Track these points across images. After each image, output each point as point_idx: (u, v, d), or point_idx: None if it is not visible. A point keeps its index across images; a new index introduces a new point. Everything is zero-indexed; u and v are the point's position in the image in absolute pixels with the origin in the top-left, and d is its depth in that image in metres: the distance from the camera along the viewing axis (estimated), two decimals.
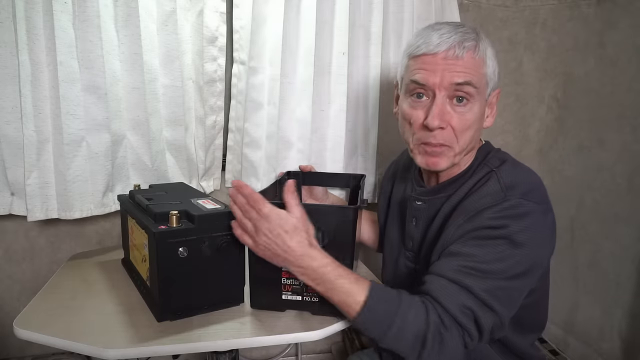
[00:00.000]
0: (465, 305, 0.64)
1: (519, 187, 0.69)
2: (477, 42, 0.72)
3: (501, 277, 0.65)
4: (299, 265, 0.68)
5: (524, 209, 0.67)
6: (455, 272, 0.66)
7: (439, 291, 0.66)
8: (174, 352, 0.67)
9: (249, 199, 0.69)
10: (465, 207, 0.72)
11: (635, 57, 1.15)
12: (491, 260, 0.65)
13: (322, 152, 1.23)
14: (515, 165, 0.76)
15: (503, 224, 0.66)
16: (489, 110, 0.78)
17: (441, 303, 0.65)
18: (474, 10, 1.38)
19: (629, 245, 1.17)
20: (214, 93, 1.15)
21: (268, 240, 0.68)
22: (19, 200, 1.04)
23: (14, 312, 0.87)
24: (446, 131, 0.73)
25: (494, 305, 0.65)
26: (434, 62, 0.71)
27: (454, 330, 0.64)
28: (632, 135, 1.16)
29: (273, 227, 0.67)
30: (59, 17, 0.92)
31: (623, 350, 1.20)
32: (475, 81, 0.71)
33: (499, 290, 0.65)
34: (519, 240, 0.65)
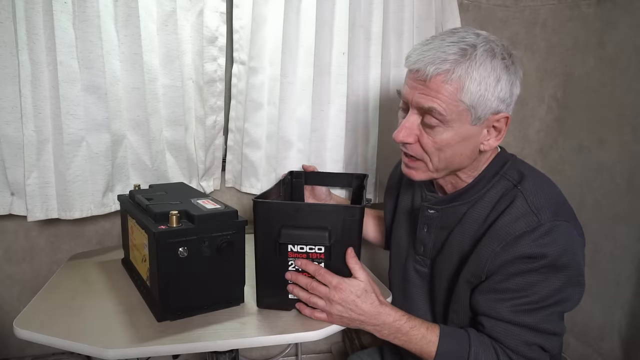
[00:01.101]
0: (531, 341, 0.68)
1: (548, 207, 0.68)
2: (456, 64, 0.65)
3: (552, 303, 0.68)
4: (375, 324, 0.72)
5: (559, 231, 0.67)
6: (511, 313, 0.69)
7: (503, 335, 0.69)
8: (174, 352, 0.67)
9: (317, 274, 0.74)
10: (498, 232, 0.69)
11: (635, 57, 1.15)
12: (539, 290, 0.67)
13: (322, 152, 1.23)
14: (536, 179, 0.73)
15: (542, 252, 0.66)
16: (495, 132, 0.72)
17: (508, 346, 0.69)
18: (474, 10, 1.38)
19: (629, 245, 1.17)
20: (214, 93, 1.15)
21: (342, 308, 0.72)
22: (19, 200, 1.04)
23: (14, 312, 0.87)
24: (415, 146, 0.73)
25: (555, 330, 0.69)
26: (412, 78, 0.70)
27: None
28: (632, 135, 1.16)
29: (346, 295, 0.72)
30: (59, 17, 0.92)
31: (623, 350, 1.20)
32: (441, 109, 0.67)
33: (554, 315, 0.69)
34: (560, 264, 0.67)
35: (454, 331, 0.73)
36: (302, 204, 0.91)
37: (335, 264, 0.74)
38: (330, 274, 0.73)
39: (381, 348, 1.01)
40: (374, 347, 1.05)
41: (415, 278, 0.86)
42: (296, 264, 0.75)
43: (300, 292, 0.75)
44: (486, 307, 0.71)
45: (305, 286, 0.74)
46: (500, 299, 0.69)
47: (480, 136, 0.71)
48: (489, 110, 0.68)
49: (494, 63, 0.67)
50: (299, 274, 0.75)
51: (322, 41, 1.15)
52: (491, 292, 0.70)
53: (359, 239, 0.75)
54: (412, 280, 0.87)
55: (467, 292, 0.74)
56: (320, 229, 0.73)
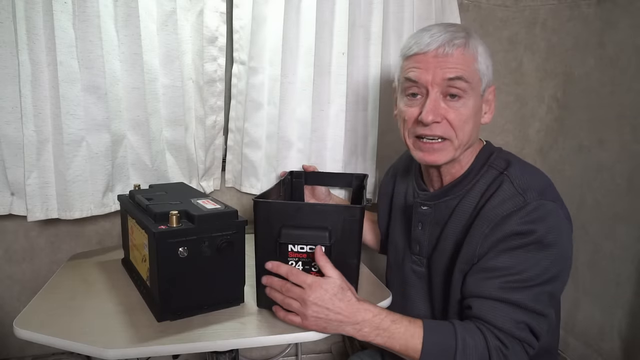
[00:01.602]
0: (519, 320, 0.67)
1: (534, 188, 0.71)
2: (467, 39, 0.74)
3: (541, 282, 0.68)
4: (355, 322, 0.68)
5: (546, 209, 0.69)
6: (499, 290, 0.68)
7: (490, 313, 0.68)
8: (174, 352, 0.67)
9: (289, 275, 0.71)
10: (487, 215, 0.72)
11: (635, 57, 1.15)
12: (528, 267, 0.68)
13: (321, 152, 1.23)
14: (522, 165, 0.77)
15: (530, 229, 0.68)
16: (487, 107, 0.80)
17: (496, 325, 0.67)
18: (474, 10, 1.38)
19: (629, 245, 1.17)
20: (214, 93, 1.15)
21: (319, 308, 0.68)
22: (19, 200, 1.04)
23: (14, 312, 0.87)
24: (443, 125, 0.74)
25: (543, 310, 0.68)
26: (426, 60, 0.74)
27: (516, 346, 0.67)
28: (632, 135, 1.16)
29: (321, 294, 0.68)
30: (59, 17, 0.92)
31: (623, 350, 1.20)
32: (466, 76, 0.73)
33: (542, 295, 0.68)
34: (547, 241, 0.68)
35: (437, 323, 0.71)
36: (302, 204, 0.92)
37: (335, 264, 0.74)
38: (304, 274, 0.70)
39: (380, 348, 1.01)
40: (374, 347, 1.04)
41: (413, 279, 0.87)
42: (266, 266, 0.73)
43: (276, 294, 0.72)
44: (475, 287, 0.71)
45: (280, 288, 0.71)
46: (488, 277, 0.69)
47: (482, 110, 0.78)
48: (489, 81, 0.77)
49: (482, 41, 0.77)
50: (273, 277, 0.73)
51: (322, 41, 1.15)
52: (480, 272, 0.71)
53: (359, 239, 0.75)
54: (411, 281, 0.87)
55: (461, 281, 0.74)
56: (321, 229, 0.73)
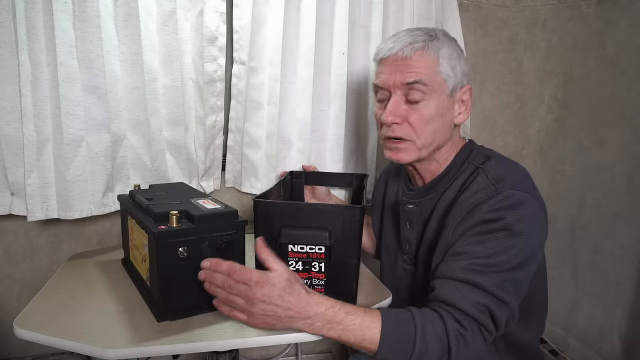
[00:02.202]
0: (480, 302, 0.66)
1: (507, 179, 0.72)
2: (428, 42, 0.76)
3: (507, 269, 0.67)
4: (306, 316, 0.65)
5: (517, 199, 0.69)
6: (463, 271, 0.68)
7: (452, 294, 0.67)
8: (174, 352, 0.67)
9: (232, 273, 0.66)
10: (460, 205, 0.74)
11: (635, 57, 1.15)
12: (495, 253, 0.67)
13: (322, 152, 1.23)
14: (500, 159, 0.78)
15: (500, 215, 0.68)
16: (462, 106, 0.80)
17: (455, 305, 0.66)
18: (474, 10, 1.38)
19: (629, 245, 1.17)
20: (214, 93, 1.15)
21: (267, 306, 0.64)
22: (19, 200, 1.04)
23: (14, 312, 0.87)
24: (403, 126, 0.77)
25: (505, 298, 0.67)
26: (388, 63, 0.77)
27: (474, 328, 0.66)
28: (632, 135, 1.16)
29: (268, 290, 0.64)
30: (59, 17, 0.92)
31: (623, 350, 1.20)
32: (425, 79, 0.74)
33: (506, 282, 0.67)
34: (517, 229, 0.68)
35: (395, 311, 0.68)
36: (302, 204, 0.92)
37: (335, 264, 0.74)
38: (249, 270, 0.65)
39: None
40: None
41: (404, 277, 0.88)
42: (203, 265, 0.68)
43: (217, 290, 0.67)
44: (440, 270, 0.71)
45: (222, 285, 0.67)
46: (455, 260, 0.70)
47: (454, 110, 0.79)
48: (459, 82, 0.78)
49: (452, 43, 0.79)
50: (214, 273, 0.67)
51: (322, 41, 1.15)
52: (449, 256, 0.71)
53: (359, 239, 0.75)
54: (403, 280, 0.89)
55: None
56: (321, 229, 0.73)
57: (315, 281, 0.76)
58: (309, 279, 0.76)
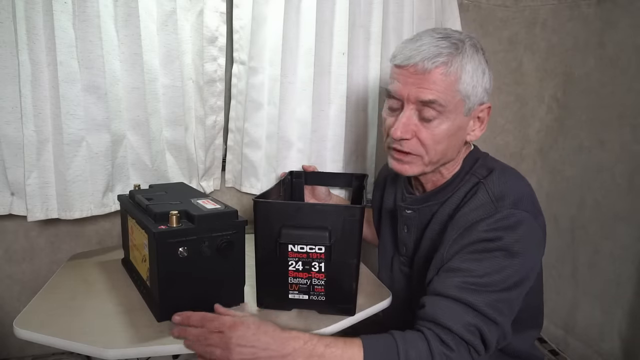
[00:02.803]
0: (470, 322, 0.64)
1: (508, 197, 0.69)
2: (452, 57, 0.69)
3: (500, 289, 0.66)
4: (285, 354, 0.62)
5: (516, 219, 0.67)
6: (456, 289, 0.66)
7: (442, 313, 0.65)
8: (174, 352, 0.67)
9: (204, 322, 0.64)
10: (458, 221, 0.72)
11: (635, 57, 1.15)
12: (489, 272, 0.66)
13: (322, 152, 1.23)
14: (504, 173, 0.75)
15: (497, 235, 0.67)
16: (477, 124, 0.77)
17: (445, 325, 0.64)
18: (474, 10, 1.38)
19: (629, 245, 1.17)
20: (214, 93, 1.15)
21: (243, 349, 0.61)
22: (19, 200, 1.03)
23: (14, 312, 0.87)
24: (412, 141, 0.73)
25: (496, 318, 0.65)
26: (406, 74, 0.71)
27: (461, 349, 0.64)
28: (632, 135, 1.16)
29: (243, 332, 0.62)
30: (59, 17, 0.92)
31: (623, 350, 1.20)
32: (442, 99, 0.69)
33: (499, 302, 0.66)
34: (514, 250, 0.66)
35: (377, 338, 0.65)
36: (302, 204, 0.92)
37: (335, 263, 0.74)
38: (221, 317, 0.65)
39: None
40: None
41: (401, 278, 0.88)
42: (174, 320, 0.67)
43: (194, 344, 0.64)
44: (434, 285, 0.69)
45: (197, 339, 0.64)
46: (449, 277, 0.68)
47: (468, 127, 0.76)
48: (478, 100, 0.73)
49: (479, 56, 0.72)
50: (188, 328, 0.66)
51: (322, 41, 1.15)
52: (443, 272, 0.70)
53: (359, 238, 0.75)
54: (399, 281, 0.88)
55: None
56: (321, 229, 0.73)
57: (315, 281, 0.76)
58: (309, 279, 0.76)
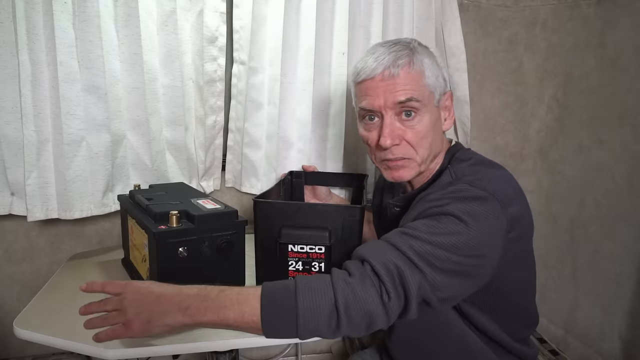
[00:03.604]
0: (390, 260, 0.61)
1: (466, 177, 0.71)
2: (411, 56, 0.74)
3: (437, 244, 0.62)
4: (179, 302, 0.60)
5: (470, 194, 0.66)
6: (391, 235, 0.66)
7: (367, 249, 0.65)
8: (174, 352, 0.67)
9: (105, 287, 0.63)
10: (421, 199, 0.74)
11: (635, 57, 1.15)
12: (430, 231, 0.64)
13: (322, 152, 1.23)
14: (478, 163, 0.76)
15: (445, 202, 0.67)
16: (446, 113, 0.81)
17: (362, 257, 0.63)
18: (474, 10, 1.38)
19: (629, 245, 1.17)
20: (214, 93, 1.15)
21: (137, 303, 0.60)
22: (19, 200, 1.03)
23: (14, 312, 0.87)
24: (402, 146, 0.76)
25: (419, 265, 0.61)
26: (375, 85, 0.74)
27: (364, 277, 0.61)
28: (632, 135, 1.16)
29: (136, 286, 0.62)
30: (59, 17, 0.92)
31: (623, 350, 1.20)
32: (416, 95, 0.73)
33: (428, 254, 0.62)
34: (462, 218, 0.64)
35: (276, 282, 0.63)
36: (302, 204, 0.92)
37: (335, 263, 0.74)
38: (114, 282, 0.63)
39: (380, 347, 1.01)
40: (374, 346, 1.05)
41: None
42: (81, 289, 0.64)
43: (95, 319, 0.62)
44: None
45: (98, 309, 0.62)
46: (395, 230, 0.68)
47: (441, 118, 0.80)
48: (442, 90, 0.78)
49: (428, 51, 0.78)
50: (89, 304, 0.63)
51: (322, 41, 1.15)
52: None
53: (359, 239, 0.75)
54: None
55: None
56: (321, 229, 0.73)
57: None
58: None
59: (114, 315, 0.61)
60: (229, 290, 0.62)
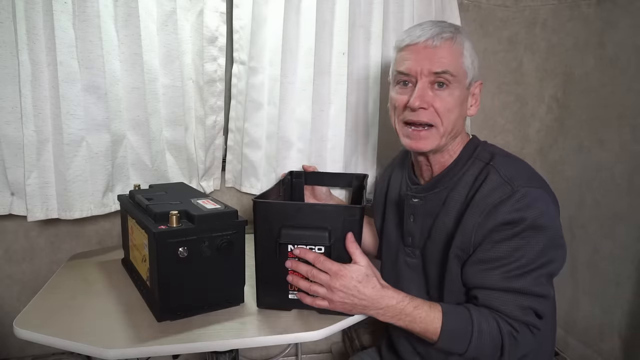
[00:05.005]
0: (524, 305, 0.71)
1: (520, 176, 0.74)
2: (455, 34, 0.79)
3: (538, 265, 0.71)
4: (379, 307, 0.72)
5: (533, 196, 0.72)
6: (501, 280, 0.71)
7: (497, 303, 0.72)
8: (174, 352, 0.67)
9: (316, 262, 0.73)
10: (477, 204, 0.75)
11: (635, 57, 1.15)
12: (524, 254, 0.70)
13: (322, 152, 1.23)
14: (505, 156, 0.81)
15: (520, 217, 0.71)
16: (473, 100, 0.84)
17: (504, 312, 0.71)
18: (474, 10, 1.38)
19: (629, 245, 1.17)
20: (214, 93, 1.15)
21: (344, 295, 0.72)
22: (19, 200, 1.04)
23: (14, 312, 0.87)
24: (429, 111, 0.78)
25: (543, 292, 0.71)
26: (416, 50, 0.79)
27: (524, 329, 0.71)
28: (632, 135, 1.16)
29: (347, 281, 0.71)
30: (59, 17, 0.92)
31: (623, 350, 1.20)
32: (452, 70, 0.77)
33: (541, 277, 0.71)
34: (539, 225, 0.70)
35: (454, 307, 0.74)
36: (302, 204, 0.92)
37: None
38: (330, 261, 0.73)
39: (379, 348, 1.01)
40: (374, 348, 1.05)
41: (406, 271, 0.89)
42: (294, 253, 0.74)
43: (301, 281, 0.75)
44: (477, 279, 0.74)
45: (306, 274, 0.74)
46: (488, 269, 0.73)
47: (468, 102, 0.83)
48: (475, 76, 0.82)
49: (470, 38, 0.82)
50: (299, 262, 0.74)
51: (322, 41, 1.15)
52: (479, 263, 0.74)
53: (359, 239, 0.75)
54: (404, 274, 0.89)
55: (458, 267, 0.77)
56: (321, 229, 0.73)
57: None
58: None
59: (322, 291, 0.73)
60: (420, 309, 0.73)
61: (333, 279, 0.72)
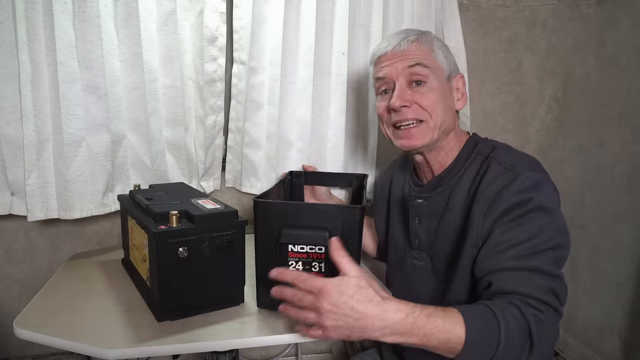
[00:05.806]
0: (542, 284, 0.65)
1: (520, 163, 0.74)
2: (420, 36, 0.83)
3: (550, 246, 0.68)
4: (383, 326, 0.57)
5: (536, 179, 0.72)
6: (514, 259, 0.67)
7: (513, 283, 0.65)
8: (174, 352, 0.67)
9: (297, 282, 0.61)
10: (481, 195, 0.74)
11: (635, 57, 1.15)
12: (535, 234, 0.68)
13: (322, 152, 1.23)
14: (507, 148, 0.81)
15: (527, 197, 0.70)
16: (458, 94, 0.85)
17: (522, 293, 0.64)
18: (474, 10, 1.38)
19: (629, 245, 1.17)
20: (214, 93, 1.15)
21: (335, 315, 0.57)
22: (19, 200, 1.04)
23: (14, 312, 0.87)
24: (413, 109, 0.80)
25: (559, 273, 0.68)
26: (387, 58, 0.83)
27: (547, 308, 0.64)
28: (632, 135, 1.16)
29: (335, 298, 0.58)
30: (59, 17, 0.92)
31: (623, 350, 1.20)
32: (425, 62, 0.80)
33: (553, 259, 0.68)
34: (546, 206, 0.69)
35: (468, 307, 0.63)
36: (302, 204, 0.92)
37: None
38: (314, 278, 0.60)
39: (380, 348, 1.01)
40: (375, 348, 1.05)
41: (414, 274, 0.88)
42: (270, 275, 0.64)
43: (290, 310, 0.63)
44: (489, 264, 0.69)
45: (291, 300, 0.62)
46: (500, 251, 0.69)
47: (452, 96, 0.84)
48: (452, 70, 0.84)
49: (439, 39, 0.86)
50: (284, 287, 0.63)
51: (322, 41, 1.15)
52: (490, 250, 0.70)
53: (359, 239, 0.75)
54: (413, 277, 0.88)
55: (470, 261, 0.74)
56: (321, 229, 0.73)
57: None
58: None
59: (312, 317, 0.60)
60: (435, 317, 0.59)
61: (319, 298, 0.58)
